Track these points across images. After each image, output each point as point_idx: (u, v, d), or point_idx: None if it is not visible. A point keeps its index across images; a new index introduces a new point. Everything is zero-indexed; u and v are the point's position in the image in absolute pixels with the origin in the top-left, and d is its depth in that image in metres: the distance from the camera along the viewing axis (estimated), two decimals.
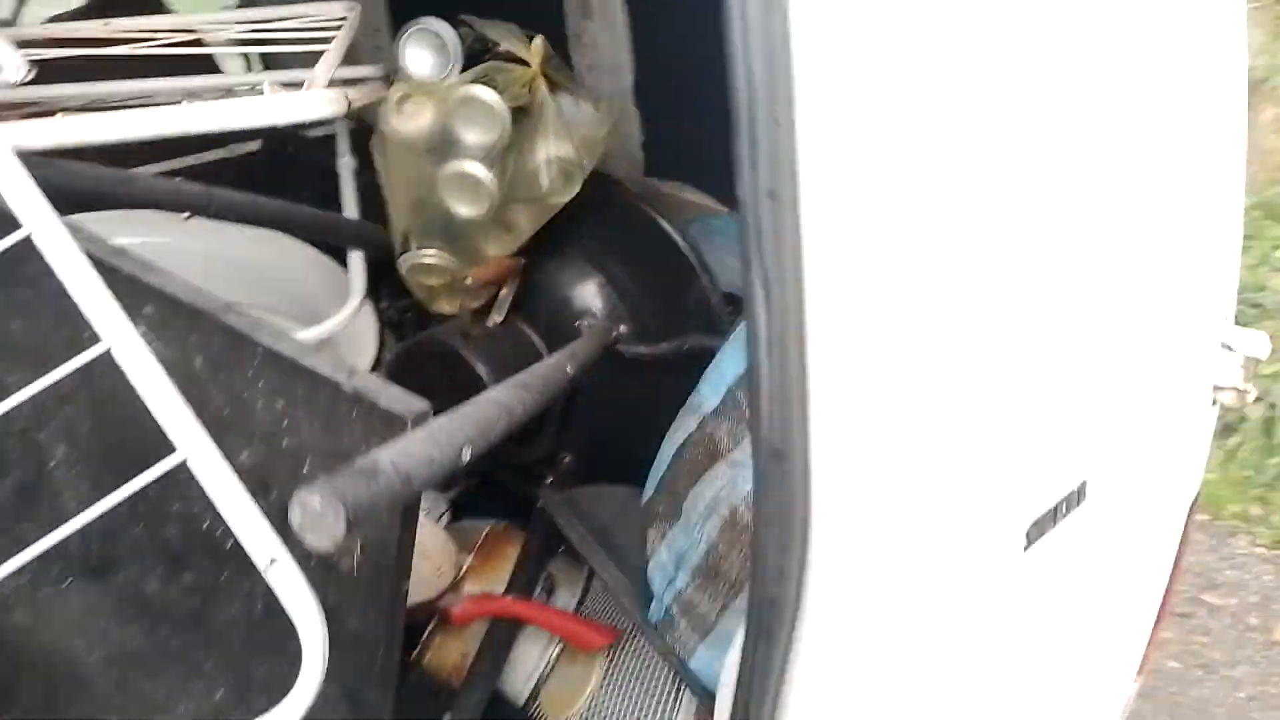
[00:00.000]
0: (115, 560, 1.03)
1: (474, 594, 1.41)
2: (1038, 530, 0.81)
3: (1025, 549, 0.81)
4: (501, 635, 1.37)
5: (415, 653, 1.42)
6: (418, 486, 0.66)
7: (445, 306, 1.47)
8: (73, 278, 0.62)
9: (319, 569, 0.90)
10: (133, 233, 1.25)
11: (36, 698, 1.13)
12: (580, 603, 1.46)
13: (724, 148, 0.62)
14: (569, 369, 1.12)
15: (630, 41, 1.78)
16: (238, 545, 0.92)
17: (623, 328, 1.47)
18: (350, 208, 1.55)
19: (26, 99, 1.12)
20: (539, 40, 1.33)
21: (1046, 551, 0.83)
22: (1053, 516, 0.82)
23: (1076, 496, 0.84)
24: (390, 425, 0.76)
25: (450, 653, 1.41)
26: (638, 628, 1.36)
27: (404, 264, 1.40)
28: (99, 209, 1.12)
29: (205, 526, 0.95)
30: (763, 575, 0.64)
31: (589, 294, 1.51)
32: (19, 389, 1.02)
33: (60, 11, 1.76)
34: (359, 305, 1.39)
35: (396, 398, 0.76)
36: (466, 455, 0.73)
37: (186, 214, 1.25)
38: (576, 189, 1.39)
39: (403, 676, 1.40)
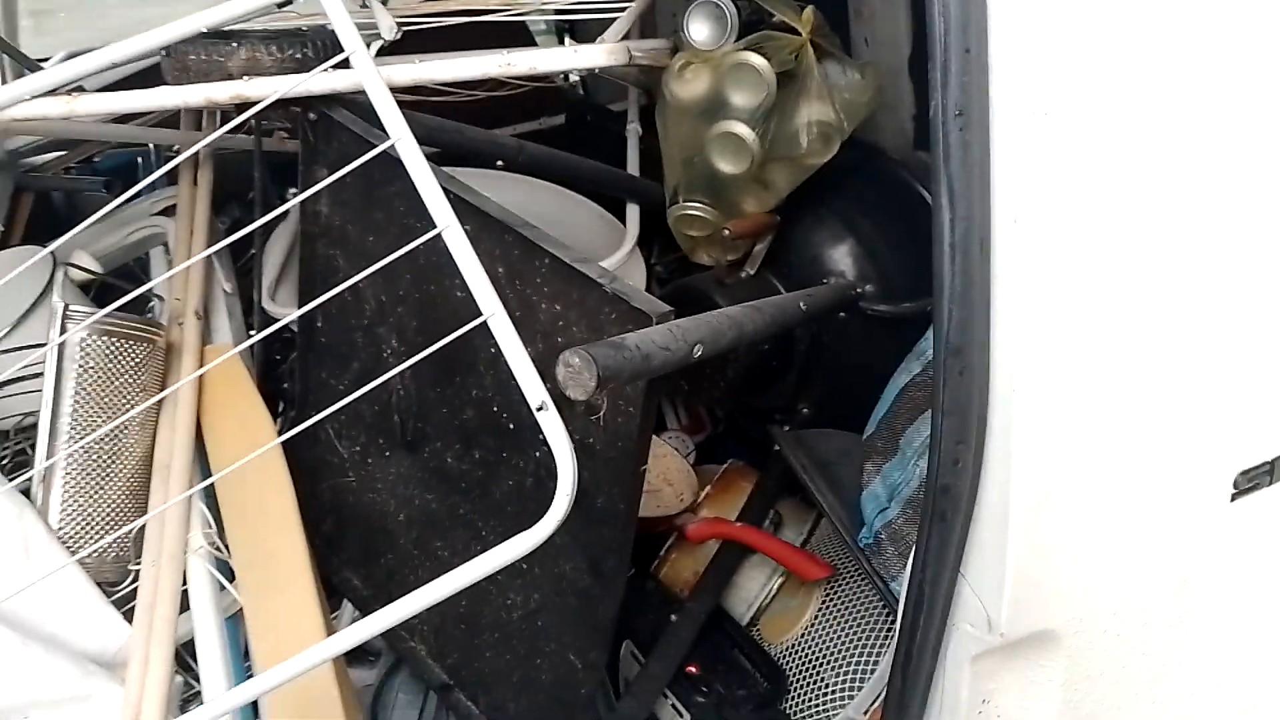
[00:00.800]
0: (425, 436, 1.26)
1: (709, 518, 1.55)
2: (1247, 481, 0.80)
3: (1232, 499, 0.80)
4: (729, 558, 1.49)
5: (655, 565, 1.60)
6: (656, 365, 0.79)
7: (705, 257, 1.61)
8: (420, 179, 0.81)
9: (578, 452, 1.08)
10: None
11: (357, 546, 1.41)
12: (805, 542, 1.56)
13: None
14: (802, 305, 1.22)
15: (909, 15, 1.81)
16: (518, 426, 1.13)
17: (868, 286, 1.53)
18: (633, 165, 1.75)
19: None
20: (810, 10, 1.42)
21: (1259, 508, 0.81)
22: (1269, 472, 0.80)
23: None
24: (639, 321, 0.90)
25: (684, 569, 1.56)
26: (853, 571, 1.43)
27: (672, 215, 1.55)
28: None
29: (494, 409, 1.15)
30: (938, 463, 0.71)
31: (839, 254, 1.58)
32: (370, 292, 1.29)
33: None
34: (633, 247, 1.56)
35: (646, 300, 0.91)
36: (698, 352, 0.85)
37: (500, 162, 1.49)
38: (834, 151, 1.46)
39: (642, 584, 1.59)
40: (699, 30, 1.44)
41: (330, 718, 0.90)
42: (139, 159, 1.91)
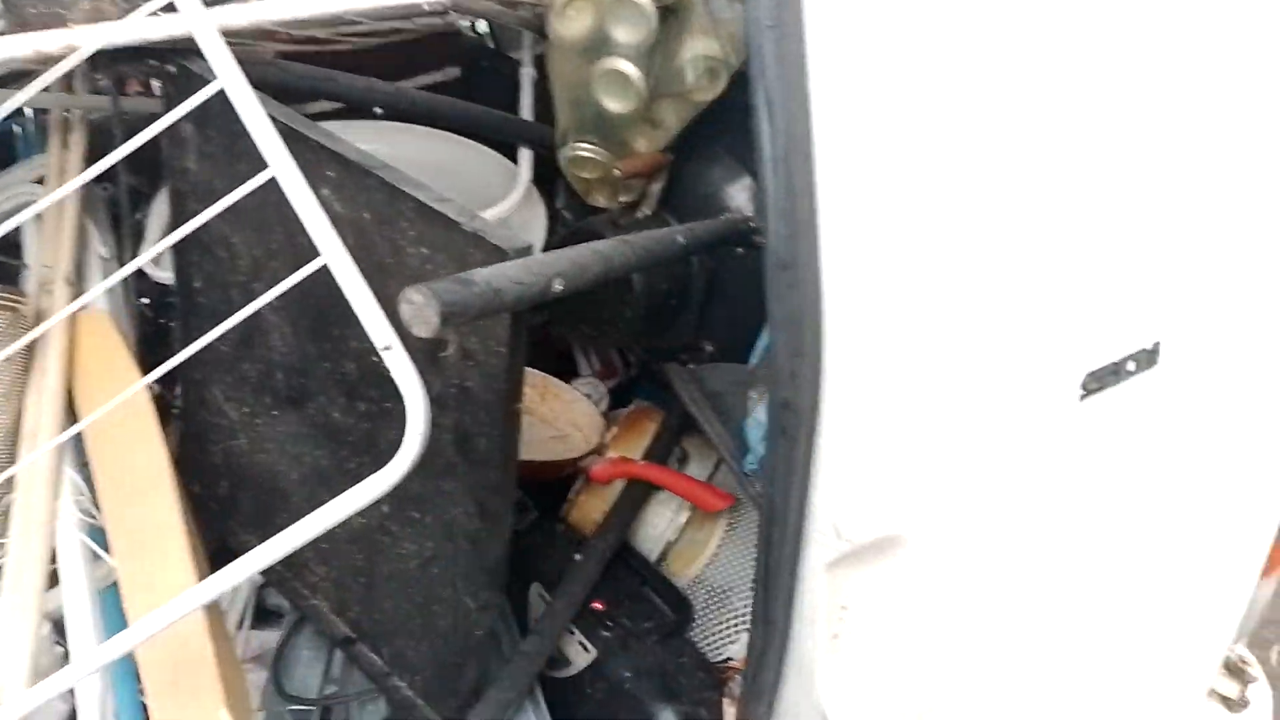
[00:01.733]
0: (309, 393, 1.24)
1: (613, 458, 1.56)
2: (1095, 382, 0.82)
3: (1081, 399, 0.82)
4: (634, 496, 1.51)
5: (564, 508, 1.61)
6: (509, 300, 0.79)
7: (599, 199, 1.60)
8: (250, 119, 0.79)
9: (455, 397, 1.07)
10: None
11: (252, 508, 1.39)
12: (711, 476, 1.58)
13: None
14: (680, 239, 1.22)
15: None
16: None
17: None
18: (526, 110, 1.72)
19: None
20: None
21: (1110, 409, 0.84)
22: (1114, 371, 0.82)
23: (1147, 358, 0.84)
24: (500, 258, 0.89)
25: (592, 510, 1.57)
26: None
27: (563, 157, 1.53)
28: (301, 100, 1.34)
29: (374, 360, 1.13)
30: (776, 378, 0.72)
31: (735, 189, 1.57)
32: (244, 248, 1.26)
33: None
34: (526, 191, 1.55)
35: (505, 237, 0.90)
36: (558, 286, 0.84)
37: (379, 110, 1.45)
38: (722, 86, 1.45)
39: (551, 528, 1.60)
40: None
41: (202, 672, 0.89)
42: (15, 127, 1.83)
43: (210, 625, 0.94)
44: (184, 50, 1.20)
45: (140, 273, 1.42)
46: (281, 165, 0.79)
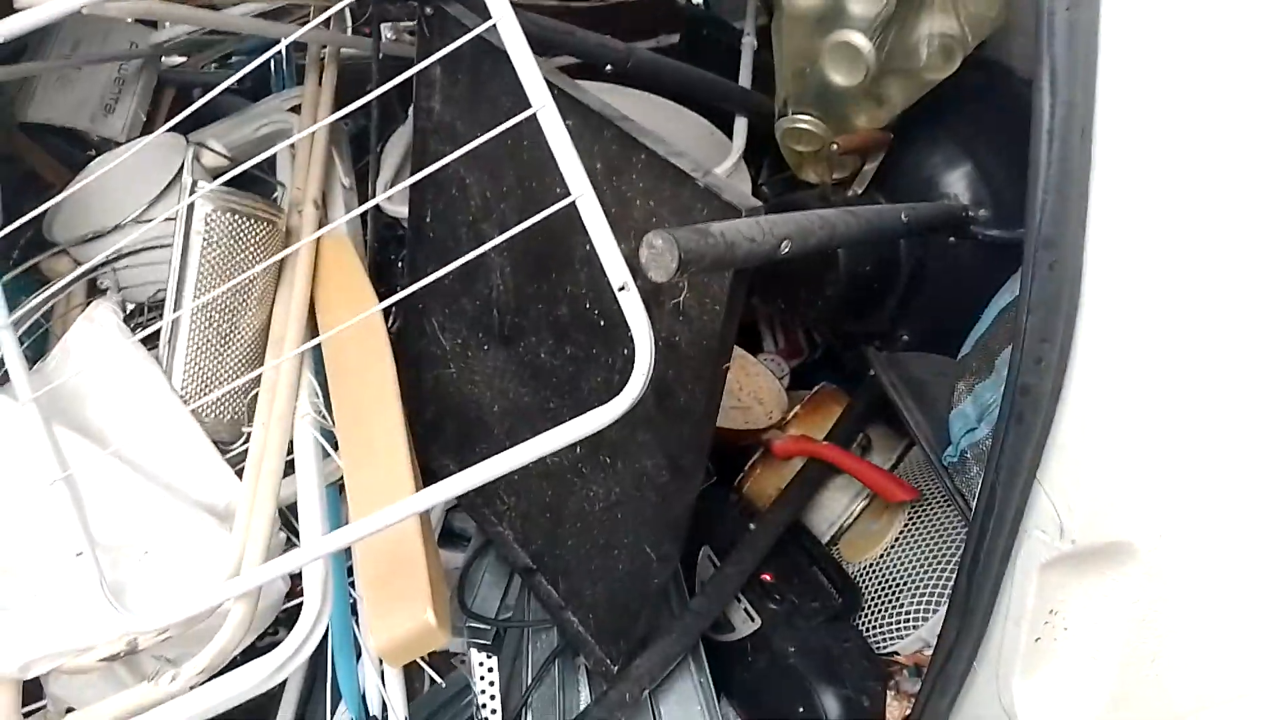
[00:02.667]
0: (521, 331, 1.30)
1: (796, 435, 1.55)
2: None
3: None
4: (814, 476, 1.50)
5: (739, 479, 1.61)
6: (740, 255, 0.79)
7: (811, 174, 1.58)
8: (519, 59, 0.82)
9: (661, 350, 1.09)
10: None
11: (454, 434, 1.47)
12: (893, 467, 1.55)
13: None
14: (904, 217, 1.18)
15: None
16: (609, 324, 1.15)
17: (982, 211, 1.47)
18: (744, 78, 1.72)
19: None
20: None
21: None
22: None
23: None
24: (729, 216, 0.90)
25: (767, 485, 1.57)
26: (940, 499, 1.41)
27: (780, 127, 1.52)
28: (543, 55, 1.38)
29: (587, 306, 1.18)
30: (1020, 360, 0.69)
31: (954, 177, 1.52)
32: (476, 188, 1.32)
33: None
34: (738, 161, 1.55)
35: (737, 195, 0.90)
36: (785, 248, 0.84)
37: (609, 67, 1.49)
38: (954, 66, 1.40)
39: (725, 496, 1.61)
40: None
41: (414, 574, 0.95)
42: (273, 60, 2.00)
43: (423, 532, 1.00)
44: None
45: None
46: (544, 104, 0.82)
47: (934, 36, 1.39)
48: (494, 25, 0.86)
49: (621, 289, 0.79)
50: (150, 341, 1.18)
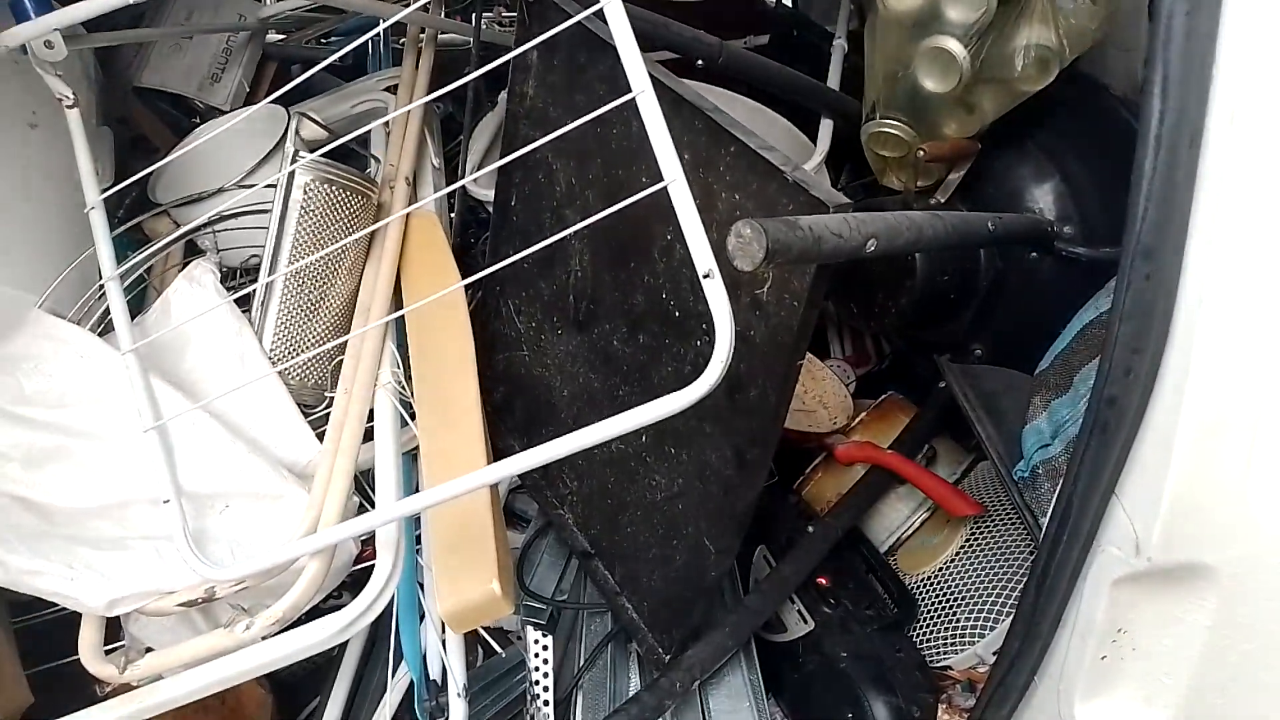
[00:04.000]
0: (595, 318, 1.32)
1: (860, 441, 1.54)
2: None
3: None
4: (875, 484, 1.49)
5: (799, 481, 1.61)
6: (826, 250, 0.79)
7: (894, 181, 1.57)
8: (623, 44, 0.84)
9: (737, 342, 1.09)
10: None
11: (523, 415, 1.50)
12: (958, 481, 1.53)
13: None
14: (990, 225, 1.17)
15: None
16: (683, 315, 1.16)
17: (1067, 227, 1.45)
18: (833, 80, 1.72)
19: None
20: None
21: None
22: None
23: None
24: (817, 212, 0.90)
25: (827, 489, 1.57)
26: (1003, 516, 1.39)
27: (866, 131, 1.52)
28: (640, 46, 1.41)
29: (663, 296, 1.19)
30: (1108, 370, 0.68)
31: (1041, 191, 1.50)
32: (562, 174, 1.34)
33: None
34: (820, 163, 1.55)
35: (825, 191, 0.90)
36: (871, 246, 0.84)
37: (700, 62, 1.50)
38: (1050, 78, 1.38)
39: (784, 496, 1.61)
40: None
41: (482, 545, 0.98)
42: (371, 39, 2.05)
43: (493, 505, 1.03)
44: None
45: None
46: (644, 89, 0.83)
47: (1031, 47, 1.37)
48: (598, 11, 0.88)
49: (706, 276, 0.79)
50: (243, 304, 1.23)
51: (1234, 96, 0.64)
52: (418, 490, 1.19)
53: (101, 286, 1.18)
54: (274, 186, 1.22)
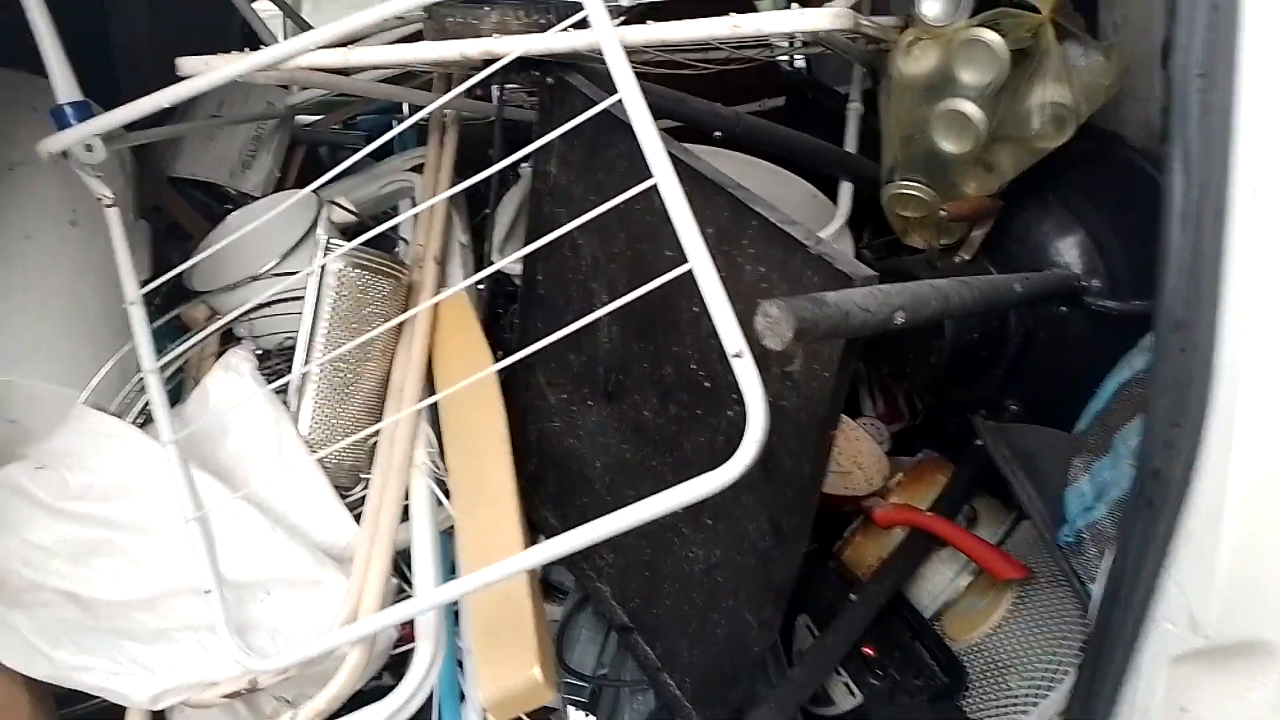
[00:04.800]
0: (625, 389, 1.32)
1: (899, 504, 1.52)
2: None
3: None
4: (917, 547, 1.46)
5: (838, 545, 1.59)
6: (854, 324, 0.80)
7: (917, 240, 1.58)
8: (642, 130, 0.86)
9: (769, 412, 1.09)
10: None
11: (556, 487, 1.50)
12: (1000, 543, 1.50)
13: None
14: (1018, 287, 1.17)
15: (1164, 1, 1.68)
16: (714, 386, 1.17)
17: (1094, 281, 1.45)
18: (850, 143, 1.73)
19: None
20: None
21: None
22: None
23: None
24: (841, 285, 0.91)
25: (867, 553, 1.54)
26: (1049, 578, 1.36)
27: (886, 193, 1.53)
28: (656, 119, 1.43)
29: (692, 367, 1.19)
30: (1150, 445, 0.67)
31: (1065, 245, 1.49)
32: (587, 249, 1.36)
33: None
34: (843, 226, 1.56)
35: (849, 263, 0.91)
36: (899, 319, 0.84)
37: (717, 134, 1.53)
38: (1068, 135, 1.39)
39: (823, 563, 1.58)
40: (931, 6, 1.41)
41: (522, 630, 0.97)
42: (394, 121, 2.11)
43: (531, 587, 1.02)
44: (563, 64, 1.33)
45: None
46: (666, 176, 0.85)
47: (1047, 105, 1.38)
48: (618, 100, 0.90)
49: (736, 355, 0.80)
50: (278, 388, 1.25)
51: (1256, 168, 0.64)
52: (454, 569, 1.19)
53: (141, 379, 1.20)
54: (308, 272, 1.24)
